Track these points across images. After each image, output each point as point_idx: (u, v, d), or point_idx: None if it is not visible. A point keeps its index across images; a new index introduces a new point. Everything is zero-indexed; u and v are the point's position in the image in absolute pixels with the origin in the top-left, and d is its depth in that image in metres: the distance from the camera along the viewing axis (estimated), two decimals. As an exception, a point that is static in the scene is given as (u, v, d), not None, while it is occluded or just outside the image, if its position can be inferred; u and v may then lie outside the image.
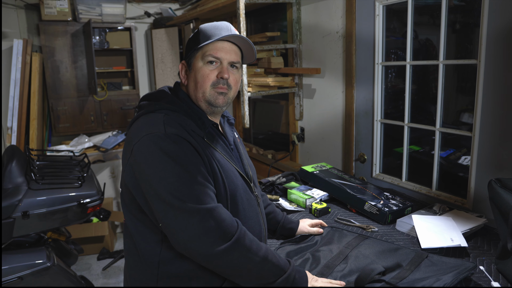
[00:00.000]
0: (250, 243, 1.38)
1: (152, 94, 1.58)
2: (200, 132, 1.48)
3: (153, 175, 1.34)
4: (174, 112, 1.48)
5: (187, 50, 1.58)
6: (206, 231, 1.30)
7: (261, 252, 1.39)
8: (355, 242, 1.83)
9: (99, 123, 5.16)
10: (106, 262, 4.34)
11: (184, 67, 1.60)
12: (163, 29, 5.17)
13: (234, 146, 1.68)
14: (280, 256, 1.48)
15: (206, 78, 1.52)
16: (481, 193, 2.19)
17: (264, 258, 1.39)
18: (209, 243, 1.31)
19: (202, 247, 1.31)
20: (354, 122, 2.94)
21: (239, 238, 1.35)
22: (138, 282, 1.53)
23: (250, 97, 3.32)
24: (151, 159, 1.35)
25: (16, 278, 2.79)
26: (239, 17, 2.93)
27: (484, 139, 2.13)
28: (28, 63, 4.41)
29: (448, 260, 1.62)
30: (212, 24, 1.55)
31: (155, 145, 1.35)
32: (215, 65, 1.52)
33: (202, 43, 1.51)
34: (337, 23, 2.95)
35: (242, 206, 1.53)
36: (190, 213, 1.30)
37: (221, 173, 1.46)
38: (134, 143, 1.39)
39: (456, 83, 2.71)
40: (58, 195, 2.92)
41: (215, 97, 1.53)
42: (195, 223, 1.30)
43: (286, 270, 1.44)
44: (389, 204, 2.22)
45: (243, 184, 1.57)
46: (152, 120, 1.43)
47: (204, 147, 1.44)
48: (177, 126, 1.41)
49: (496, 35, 2.00)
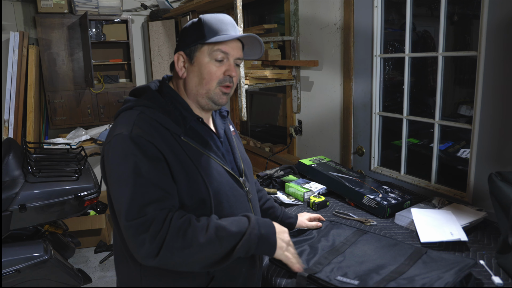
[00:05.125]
0: (182, 242, 1.29)
1: (137, 89, 1.56)
2: (178, 130, 1.42)
3: (111, 178, 1.35)
4: (150, 109, 1.43)
5: (187, 40, 1.50)
6: (139, 244, 1.26)
7: (202, 237, 1.30)
8: (354, 238, 1.82)
9: (96, 116, 5.15)
10: (103, 255, 4.34)
11: (182, 59, 1.52)
12: (159, 21, 5.14)
13: (226, 138, 1.65)
14: (238, 220, 1.41)
15: (213, 75, 1.47)
16: (480, 186, 2.18)
17: (210, 239, 1.30)
18: (143, 254, 1.27)
19: (141, 257, 1.28)
20: (352, 115, 2.93)
21: (166, 232, 1.28)
22: (125, 278, 1.53)
23: (248, 90, 3.30)
24: (111, 161, 1.35)
25: (13, 271, 2.78)
26: (236, 9, 2.90)
27: (484, 131, 2.12)
28: (25, 56, 4.39)
29: (448, 257, 1.60)
30: (215, 17, 1.49)
31: (118, 147, 1.34)
32: (222, 62, 1.49)
33: (210, 38, 1.45)
34: (335, 15, 2.93)
35: (228, 203, 1.48)
36: (125, 227, 1.28)
37: (200, 173, 1.41)
38: (106, 142, 1.40)
39: (454, 75, 2.70)
40: (55, 188, 2.91)
41: (219, 96, 1.50)
42: (129, 237, 1.27)
43: (244, 231, 1.37)
44: (387, 197, 2.21)
45: (229, 181, 1.51)
46: (126, 118, 1.41)
47: (178, 147, 1.40)
48: (147, 126, 1.37)
49: (497, 26, 1.98)
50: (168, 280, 1.43)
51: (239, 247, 1.34)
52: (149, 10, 5.32)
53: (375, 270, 1.55)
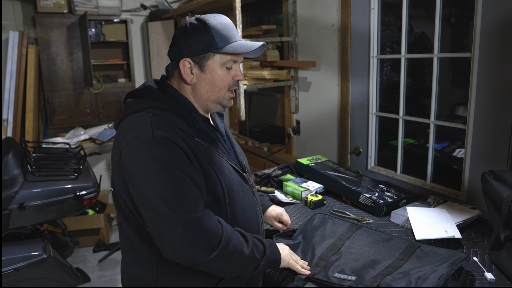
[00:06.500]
0: (234, 248, 1.38)
1: (138, 91, 1.53)
2: (190, 131, 1.44)
3: (140, 181, 1.32)
4: (162, 111, 1.43)
5: (195, 47, 1.46)
6: (190, 242, 1.30)
7: (244, 253, 1.42)
8: (349, 233, 1.85)
9: (95, 115, 5.16)
10: (102, 254, 4.36)
11: (189, 65, 1.48)
12: (159, 21, 5.16)
13: (227, 137, 1.68)
14: (259, 243, 1.52)
15: (225, 83, 1.50)
16: (475, 185, 2.21)
17: (246, 257, 1.42)
18: (194, 254, 1.31)
19: (187, 257, 1.32)
20: (349, 115, 2.95)
21: (223, 248, 1.35)
22: (137, 279, 1.52)
23: (246, 90, 3.32)
24: (138, 163, 1.32)
25: (12, 269, 2.79)
26: (235, 10, 2.92)
27: (478, 131, 2.15)
28: (24, 55, 4.40)
29: (440, 251, 1.64)
30: (219, 22, 1.47)
31: (142, 150, 1.32)
32: (231, 68, 1.51)
33: (222, 46, 1.45)
34: (333, 16, 2.96)
35: (239, 199, 1.53)
36: (175, 223, 1.29)
37: (215, 171, 1.44)
38: (122, 146, 1.36)
39: (451, 76, 2.72)
40: (54, 187, 2.93)
41: (228, 100, 1.55)
42: (180, 234, 1.29)
43: (261, 259, 1.49)
44: (384, 196, 2.23)
45: (237, 177, 1.56)
46: (140, 120, 1.40)
47: (194, 147, 1.42)
48: (165, 128, 1.37)
49: (490, 28, 2.01)
50: (183, 280, 1.47)
51: (258, 269, 1.50)
52: (149, 11, 5.34)
53: (371, 265, 1.59)
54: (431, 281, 1.42)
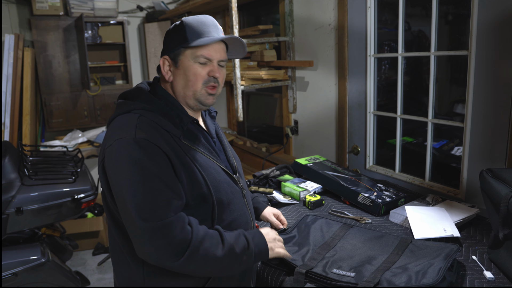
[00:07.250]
0: (205, 252, 1.36)
1: (129, 92, 1.55)
2: (177, 132, 1.45)
3: (117, 182, 1.35)
4: (150, 112, 1.44)
5: (171, 44, 1.53)
6: (156, 248, 1.30)
7: (217, 255, 1.38)
8: (342, 233, 1.85)
9: (92, 118, 5.14)
10: (101, 257, 4.34)
11: (167, 63, 1.54)
12: (155, 23, 5.15)
13: (217, 138, 1.68)
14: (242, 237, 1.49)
15: (198, 77, 1.50)
16: (473, 184, 2.20)
17: (221, 258, 1.39)
18: (160, 259, 1.32)
19: (155, 261, 1.33)
20: (347, 114, 2.94)
21: (192, 253, 1.33)
22: (126, 279, 1.54)
23: (244, 91, 3.31)
24: (117, 165, 1.34)
25: (10, 274, 2.78)
26: (232, 10, 2.92)
27: (476, 129, 2.14)
28: (20, 58, 4.38)
29: (432, 244, 1.67)
30: (197, 19, 1.52)
31: (123, 152, 1.34)
32: (206, 64, 1.51)
33: (192, 42, 1.47)
34: (329, 16, 2.95)
35: (227, 201, 1.52)
36: (141, 229, 1.30)
37: (201, 172, 1.44)
38: (106, 146, 1.39)
39: (449, 75, 2.71)
40: (52, 191, 2.92)
41: (206, 97, 1.53)
42: (145, 240, 1.30)
43: (244, 254, 1.46)
44: (382, 195, 2.23)
45: (226, 179, 1.55)
46: (126, 122, 1.41)
47: (179, 148, 1.42)
48: (149, 129, 1.38)
49: (487, 26, 2.01)
50: (170, 280, 1.47)
51: (242, 266, 1.47)
52: (145, 12, 5.32)
53: (368, 261, 1.60)
54: (431, 275, 1.43)
